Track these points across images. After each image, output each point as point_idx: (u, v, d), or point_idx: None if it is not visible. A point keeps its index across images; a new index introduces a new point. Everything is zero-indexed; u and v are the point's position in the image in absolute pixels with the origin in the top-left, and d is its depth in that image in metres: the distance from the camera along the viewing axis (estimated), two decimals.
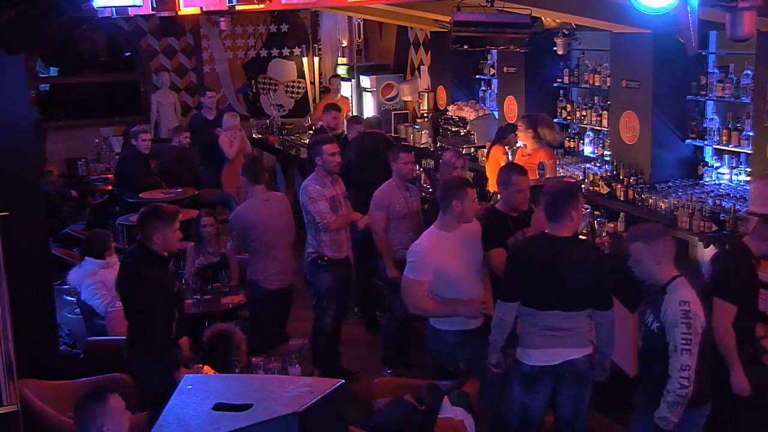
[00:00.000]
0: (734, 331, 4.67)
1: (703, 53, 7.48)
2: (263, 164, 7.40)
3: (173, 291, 4.96)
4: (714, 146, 7.57)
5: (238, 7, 7.14)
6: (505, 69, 9.79)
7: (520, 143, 8.05)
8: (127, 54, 13.84)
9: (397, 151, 6.68)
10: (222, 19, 11.09)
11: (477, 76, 10.81)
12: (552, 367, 4.50)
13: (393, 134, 11.01)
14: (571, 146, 9.33)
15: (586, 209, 6.77)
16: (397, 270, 6.41)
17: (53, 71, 13.97)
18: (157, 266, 4.83)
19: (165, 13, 8.70)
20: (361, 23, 12.82)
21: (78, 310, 7.03)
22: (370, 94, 11.77)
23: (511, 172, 5.46)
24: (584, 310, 4.50)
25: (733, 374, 4.66)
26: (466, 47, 7.52)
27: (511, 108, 9.68)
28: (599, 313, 4.53)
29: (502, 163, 7.76)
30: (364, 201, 6.74)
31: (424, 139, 10.66)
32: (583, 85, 8.96)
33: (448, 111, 10.68)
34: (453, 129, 10.37)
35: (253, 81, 14.26)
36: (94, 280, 6.61)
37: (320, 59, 14.29)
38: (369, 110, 11.73)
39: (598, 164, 8.37)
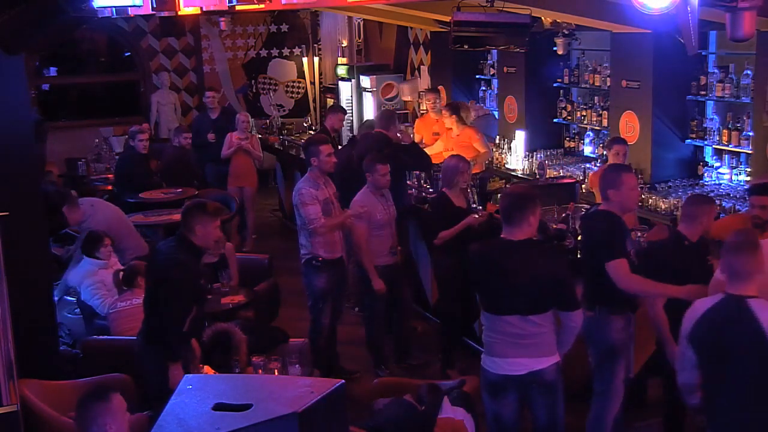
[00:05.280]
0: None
1: (703, 53, 7.48)
2: None
3: (199, 283, 5.00)
4: (714, 146, 7.58)
5: (238, 7, 7.14)
6: (505, 69, 9.79)
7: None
8: (127, 54, 13.85)
9: (374, 163, 6.54)
10: (222, 19, 11.08)
11: (477, 76, 10.81)
12: (518, 377, 4.44)
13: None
14: (571, 146, 9.34)
15: (587, 209, 6.76)
16: (382, 281, 6.45)
17: (53, 71, 13.97)
18: (190, 255, 4.90)
19: (165, 13, 8.68)
20: (361, 23, 12.82)
21: (78, 310, 7.03)
22: (370, 94, 11.77)
23: (620, 170, 5.02)
24: (544, 312, 4.40)
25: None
26: (466, 47, 7.51)
27: (512, 108, 9.68)
28: (563, 313, 4.43)
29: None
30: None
31: None
32: (583, 85, 8.96)
33: None
34: None
35: (253, 81, 14.27)
36: (93, 281, 6.61)
37: (320, 59, 14.29)
38: (369, 110, 11.73)
39: (598, 164, 8.38)
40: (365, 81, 11.83)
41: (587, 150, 8.98)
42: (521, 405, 4.58)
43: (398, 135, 7.82)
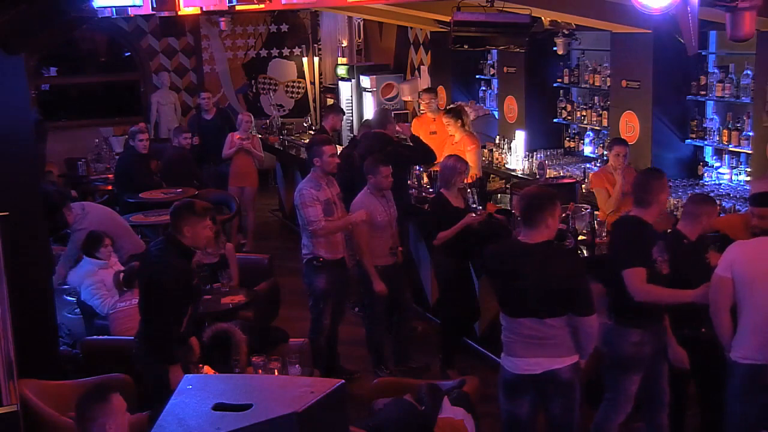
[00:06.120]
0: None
1: (703, 53, 7.48)
2: None
3: (192, 284, 4.97)
4: (714, 146, 7.58)
5: (238, 7, 7.14)
6: (505, 69, 9.79)
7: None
8: (127, 54, 13.85)
9: (376, 164, 6.50)
10: (222, 19, 11.10)
11: (477, 76, 10.81)
12: (534, 376, 4.41)
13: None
14: (571, 146, 9.34)
15: (586, 209, 6.77)
16: (383, 283, 6.44)
17: (53, 71, 13.97)
18: (181, 257, 4.86)
19: (165, 13, 8.70)
20: (361, 23, 12.82)
21: (78, 310, 7.03)
22: (370, 94, 11.77)
23: (662, 176, 4.84)
24: (560, 316, 4.34)
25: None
26: (466, 47, 7.52)
27: (511, 108, 9.68)
28: (578, 319, 4.33)
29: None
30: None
31: None
32: (583, 85, 8.96)
33: None
34: None
35: (253, 81, 14.26)
36: (93, 281, 6.61)
37: (320, 59, 14.29)
38: (369, 110, 11.73)
39: (598, 164, 8.38)
40: (365, 81, 11.83)
41: (587, 150, 8.98)
42: (536, 407, 4.54)
43: (398, 129, 7.84)
